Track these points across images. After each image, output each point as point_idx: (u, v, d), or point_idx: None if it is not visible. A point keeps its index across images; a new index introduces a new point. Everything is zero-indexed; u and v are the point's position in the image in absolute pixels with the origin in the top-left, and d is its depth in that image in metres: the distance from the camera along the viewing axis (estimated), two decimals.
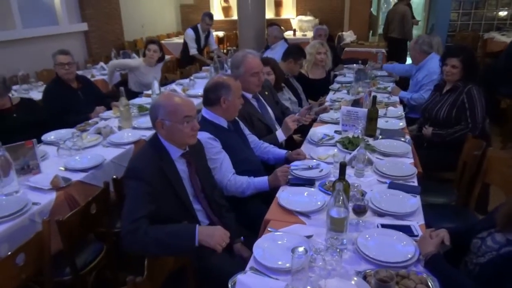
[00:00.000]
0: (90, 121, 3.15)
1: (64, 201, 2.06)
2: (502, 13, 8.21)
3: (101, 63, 5.42)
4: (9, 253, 1.55)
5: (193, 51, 6.05)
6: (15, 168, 2.07)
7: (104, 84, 4.93)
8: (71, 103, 3.30)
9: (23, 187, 2.10)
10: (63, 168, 2.32)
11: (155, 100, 1.82)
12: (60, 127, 2.91)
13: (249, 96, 2.74)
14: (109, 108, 3.44)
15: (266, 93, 3.04)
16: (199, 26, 6.07)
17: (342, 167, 1.63)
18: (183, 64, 5.92)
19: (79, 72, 4.84)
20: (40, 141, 2.70)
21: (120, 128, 3.00)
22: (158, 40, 4.95)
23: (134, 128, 3.01)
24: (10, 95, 2.95)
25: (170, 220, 1.67)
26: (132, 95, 4.00)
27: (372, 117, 2.66)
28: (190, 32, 6.04)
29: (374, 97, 2.70)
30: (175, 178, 1.76)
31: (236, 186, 2.11)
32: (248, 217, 2.09)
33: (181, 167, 1.82)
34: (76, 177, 2.22)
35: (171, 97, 1.79)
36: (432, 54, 3.77)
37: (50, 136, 2.79)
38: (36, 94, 3.99)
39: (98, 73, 5.15)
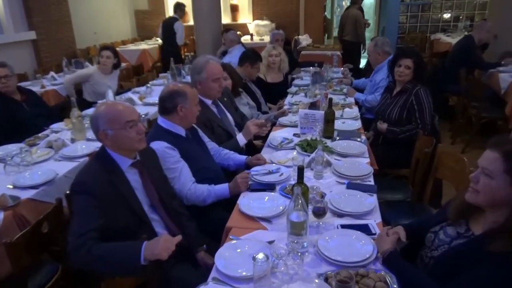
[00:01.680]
0: (40, 134, 2.99)
1: (12, 221, 1.95)
2: (446, 15, 8.71)
3: (52, 73, 5.16)
4: None
5: (182, 41, 6.94)
6: None
7: (56, 95, 4.71)
8: (17, 115, 3.15)
9: None
10: (11, 186, 2.19)
11: (93, 112, 1.76)
12: (7, 142, 2.74)
13: (208, 102, 2.71)
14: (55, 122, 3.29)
15: (225, 99, 3.03)
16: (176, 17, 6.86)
17: (300, 170, 1.65)
18: (167, 55, 6.44)
19: (27, 83, 4.65)
20: None
21: (73, 140, 2.87)
22: (112, 46, 4.81)
23: (88, 140, 2.88)
24: None
25: (125, 232, 1.61)
26: (87, 105, 3.86)
27: (329, 119, 2.72)
28: (181, 24, 6.87)
29: (330, 99, 2.77)
30: (126, 189, 1.70)
31: (196, 195, 2.08)
32: (211, 225, 2.07)
33: (133, 177, 1.76)
34: (26, 194, 2.11)
35: (109, 105, 1.75)
36: (391, 56, 3.82)
37: None
38: None
39: (49, 83, 4.90)
